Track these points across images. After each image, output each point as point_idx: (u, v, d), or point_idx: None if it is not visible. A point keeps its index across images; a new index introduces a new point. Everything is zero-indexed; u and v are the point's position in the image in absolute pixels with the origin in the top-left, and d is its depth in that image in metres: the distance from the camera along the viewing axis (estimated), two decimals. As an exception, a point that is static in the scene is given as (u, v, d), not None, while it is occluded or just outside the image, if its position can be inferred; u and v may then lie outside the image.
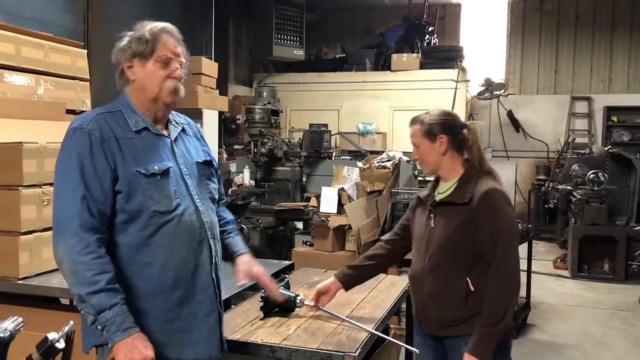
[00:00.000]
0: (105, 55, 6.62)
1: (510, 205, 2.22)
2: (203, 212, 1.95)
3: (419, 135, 2.28)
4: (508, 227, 2.15)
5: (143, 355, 1.73)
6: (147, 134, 1.91)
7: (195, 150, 2.05)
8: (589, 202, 7.04)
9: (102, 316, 1.72)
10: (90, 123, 1.84)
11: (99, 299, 1.71)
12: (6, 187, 2.81)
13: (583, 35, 10.33)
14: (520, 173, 10.60)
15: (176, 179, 1.91)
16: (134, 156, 1.84)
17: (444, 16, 10.86)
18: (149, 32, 1.89)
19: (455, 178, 2.27)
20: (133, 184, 1.82)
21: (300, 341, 2.16)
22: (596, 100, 10.25)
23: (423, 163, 2.32)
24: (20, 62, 3.43)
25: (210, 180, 2.06)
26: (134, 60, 1.89)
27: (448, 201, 2.23)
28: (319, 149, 6.60)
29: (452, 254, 2.18)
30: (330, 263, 4.78)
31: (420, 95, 9.06)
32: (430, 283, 2.24)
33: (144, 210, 1.82)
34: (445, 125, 2.26)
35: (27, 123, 3.24)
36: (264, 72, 10.34)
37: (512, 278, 2.14)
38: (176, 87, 1.90)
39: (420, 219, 2.35)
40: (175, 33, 1.94)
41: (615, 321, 5.52)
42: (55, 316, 2.76)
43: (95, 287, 1.71)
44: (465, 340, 2.17)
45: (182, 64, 1.92)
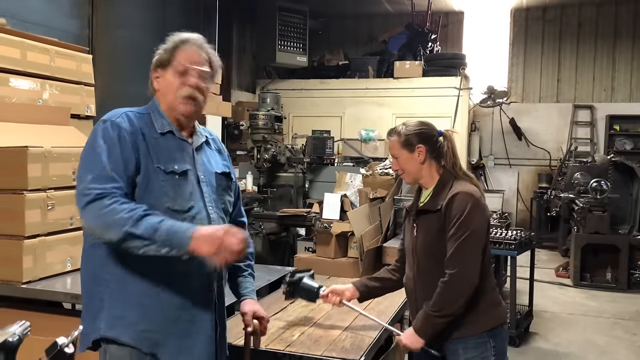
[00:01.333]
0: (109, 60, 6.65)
1: (479, 208, 2.20)
2: (214, 220, 1.96)
3: (397, 147, 2.32)
4: (468, 225, 2.15)
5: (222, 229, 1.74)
6: (171, 137, 1.95)
7: (216, 162, 2.08)
8: (592, 210, 7.03)
9: (159, 234, 1.71)
10: (120, 117, 1.89)
11: (146, 223, 1.71)
12: (11, 191, 2.81)
13: (585, 43, 10.34)
14: (522, 181, 10.59)
15: (192, 184, 1.94)
16: (156, 153, 1.88)
17: (447, 24, 10.89)
18: (171, 42, 1.95)
19: (432, 186, 2.31)
20: (152, 178, 1.85)
21: (304, 348, 2.16)
22: (598, 108, 10.26)
23: (403, 173, 2.36)
24: (25, 66, 3.45)
25: (226, 192, 2.08)
26: (158, 69, 1.96)
27: (425, 209, 2.28)
28: (322, 155, 6.60)
29: (435, 259, 2.21)
30: (332, 269, 4.78)
31: (422, 102, 9.08)
32: (421, 289, 2.27)
33: (158, 207, 1.83)
34: (422, 135, 2.30)
35: (32, 127, 3.25)
36: (267, 78, 10.36)
37: (463, 274, 2.14)
38: (189, 95, 1.92)
39: (407, 229, 2.41)
40: (198, 44, 1.96)
41: (618, 330, 5.50)
42: (58, 320, 2.75)
43: (133, 218, 1.71)
44: (462, 344, 2.19)
45: (202, 74, 1.93)
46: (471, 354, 2.20)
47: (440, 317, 2.15)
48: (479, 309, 2.19)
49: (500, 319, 2.27)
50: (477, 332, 2.20)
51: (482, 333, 2.20)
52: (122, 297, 1.83)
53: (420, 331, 2.19)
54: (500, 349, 2.24)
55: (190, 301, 1.90)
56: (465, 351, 2.20)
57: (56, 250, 2.94)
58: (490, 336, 2.21)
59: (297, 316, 2.56)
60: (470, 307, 2.17)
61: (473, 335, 2.19)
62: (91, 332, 1.86)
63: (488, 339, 2.21)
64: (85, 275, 1.92)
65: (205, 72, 1.94)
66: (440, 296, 2.15)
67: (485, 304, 2.21)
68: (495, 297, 2.28)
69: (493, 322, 2.23)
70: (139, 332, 1.83)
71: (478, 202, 2.21)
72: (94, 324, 1.85)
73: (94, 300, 1.87)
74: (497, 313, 2.26)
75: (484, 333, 2.20)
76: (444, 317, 2.15)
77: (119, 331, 1.83)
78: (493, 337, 2.22)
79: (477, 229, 2.18)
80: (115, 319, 1.83)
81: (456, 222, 2.16)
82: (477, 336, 2.20)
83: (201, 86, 1.93)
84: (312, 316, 2.56)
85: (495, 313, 2.25)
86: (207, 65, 1.96)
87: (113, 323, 1.83)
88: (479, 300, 2.19)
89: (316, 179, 6.57)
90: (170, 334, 1.87)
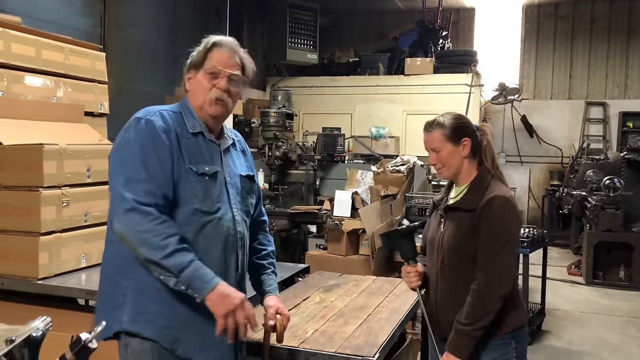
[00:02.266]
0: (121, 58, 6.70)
1: (515, 214, 2.18)
2: (238, 222, 1.99)
3: (441, 139, 2.23)
4: (506, 234, 2.12)
5: (239, 297, 1.80)
6: (201, 138, 1.97)
7: (240, 164, 2.11)
8: (604, 208, 6.97)
9: (184, 275, 1.75)
10: (154, 115, 1.91)
11: (175, 260, 1.75)
12: (27, 188, 2.83)
13: (598, 39, 10.26)
14: (534, 178, 10.53)
15: (220, 185, 1.96)
16: (188, 153, 1.90)
17: (458, 20, 10.83)
18: (204, 44, 1.97)
19: (467, 182, 2.26)
20: (183, 179, 1.87)
21: (318, 344, 2.16)
22: (611, 105, 10.17)
23: (443, 168, 2.26)
24: (40, 64, 3.47)
25: (249, 195, 2.10)
26: (191, 71, 1.98)
27: (457, 207, 2.23)
28: (333, 153, 6.60)
29: (462, 259, 2.17)
30: (343, 267, 4.77)
31: (433, 99, 9.03)
32: (443, 287, 2.24)
33: (187, 207, 1.86)
34: (466, 128, 2.25)
35: (46, 125, 3.27)
36: (277, 75, 10.37)
37: (499, 285, 2.10)
38: (218, 98, 1.93)
39: (433, 222, 2.35)
40: (231, 47, 1.97)
41: (632, 329, 5.46)
42: (73, 316, 2.77)
43: (167, 250, 1.75)
44: (482, 346, 2.16)
45: (232, 77, 1.94)
46: (492, 355, 2.17)
47: (473, 329, 2.09)
48: (502, 311, 2.14)
49: (521, 320, 2.24)
50: (500, 333, 2.16)
51: (504, 335, 2.17)
52: (146, 293, 1.85)
53: (457, 351, 2.11)
54: (521, 350, 2.21)
55: None
56: (486, 352, 2.17)
57: (71, 247, 2.97)
58: (512, 337, 2.18)
59: (310, 313, 2.56)
60: None
61: (495, 336, 2.16)
62: (112, 323, 1.87)
63: (510, 340, 2.18)
64: (110, 267, 1.94)
65: (236, 76, 1.96)
66: (472, 307, 2.09)
67: (507, 305, 2.15)
68: (518, 299, 2.25)
69: (515, 323, 2.19)
70: (161, 327, 1.84)
71: (515, 208, 2.18)
72: (115, 315, 1.86)
73: (117, 291, 1.88)
74: (519, 315, 2.22)
75: (506, 335, 2.17)
76: (478, 330, 2.09)
77: (142, 326, 1.84)
78: (515, 339, 2.19)
79: (513, 238, 2.16)
80: (138, 313, 1.84)
81: (493, 229, 2.11)
82: (499, 337, 2.16)
83: (231, 90, 1.95)
84: (326, 313, 2.56)
85: (518, 315, 2.21)
86: (239, 69, 1.97)
87: (136, 317, 1.85)
88: (503, 302, 2.15)
89: (327, 176, 6.57)
90: (191, 330, 1.89)
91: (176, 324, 1.87)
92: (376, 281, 3.22)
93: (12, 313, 2.76)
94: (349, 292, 2.94)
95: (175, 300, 1.85)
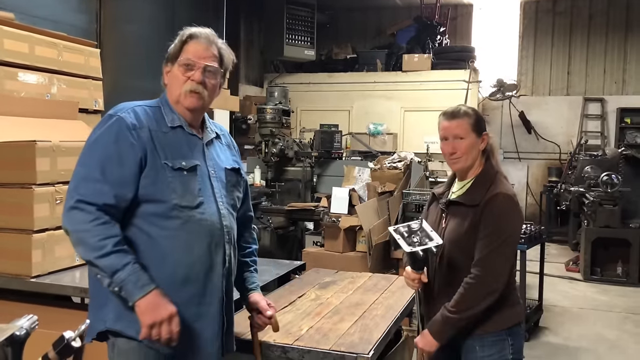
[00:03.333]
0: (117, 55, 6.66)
1: (518, 212, 2.18)
2: (224, 216, 1.96)
3: (468, 129, 2.19)
4: (506, 231, 2.12)
5: (168, 311, 1.76)
6: (181, 132, 1.95)
7: (226, 157, 2.08)
8: (602, 204, 6.96)
9: (117, 277, 1.73)
10: (125, 112, 1.89)
11: (110, 261, 1.73)
12: (20, 185, 2.82)
13: (596, 35, 10.24)
14: (532, 174, 10.52)
15: (202, 179, 1.93)
16: (164, 149, 1.88)
17: (456, 17, 10.81)
18: (179, 37, 1.95)
19: (472, 177, 2.24)
20: (159, 174, 1.85)
21: (312, 342, 2.15)
22: (609, 101, 10.15)
23: (459, 158, 2.21)
24: (34, 61, 3.45)
25: (235, 188, 2.07)
26: (168, 64, 1.96)
27: (460, 202, 2.21)
28: (330, 150, 6.58)
29: (463, 254, 2.16)
30: (341, 264, 4.76)
31: (431, 95, 9.02)
32: (440, 281, 2.22)
33: (166, 203, 1.84)
34: (484, 123, 2.26)
35: (40, 122, 3.26)
36: (274, 72, 10.34)
37: (493, 281, 2.09)
38: (192, 90, 1.91)
39: (433, 216, 2.33)
40: (207, 38, 1.95)
41: (629, 325, 5.46)
42: (67, 314, 2.76)
43: (103, 250, 1.73)
44: (479, 341, 2.16)
45: (208, 68, 1.92)
46: (488, 351, 2.16)
47: (459, 319, 2.09)
48: (499, 307, 2.14)
49: (518, 317, 2.23)
50: (496, 329, 2.16)
51: (500, 331, 2.16)
52: None
53: (436, 334, 2.14)
54: (517, 347, 2.20)
55: (197, 298, 1.90)
56: (483, 349, 2.16)
57: (65, 245, 2.94)
58: (509, 334, 2.17)
59: (305, 310, 2.55)
60: (491, 304, 2.13)
61: (491, 332, 2.15)
62: (96, 323, 1.86)
63: (506, 337, 2.17)
64: None
65: (211, 67, 1.93)
66: (463, 297, 2.09)
67: (505, 302, 2.15)
68: (515, 296, 2.24)
69: (512, 320, 2.19)
70: None
71: (517, 206, 2.17)
72: (99, 315, 1.86)
73: (100, 292, 1.87)
74: (515, 311, 2.21)
75: (503, 331, 2.16)
76: (462, 320, 2.10)
77: (126, 324, 1.83)
78: (511, 335, 2.18)
79: (513, 236, 2.16)
80: (121, 312, 1.82)
81: (495, 225, 2.10)
82: (495, 334, 2.16)
83: (206, 82, 1.92)
84: (321, 310, 2.55)
85: (514, 311, 2.20)
86: (216, 60, 1.95)
87: (120, 316, 1.83)
88: (500, 299, 2.14)
89: (324, 173, 6.55)
90: None
91: None
92: (372, 278, 3.21)
93: (5, 311, 2.74)
94: (345, 289, 2.92)
95: None
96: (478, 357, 2.17)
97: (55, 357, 1.22)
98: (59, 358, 1.21)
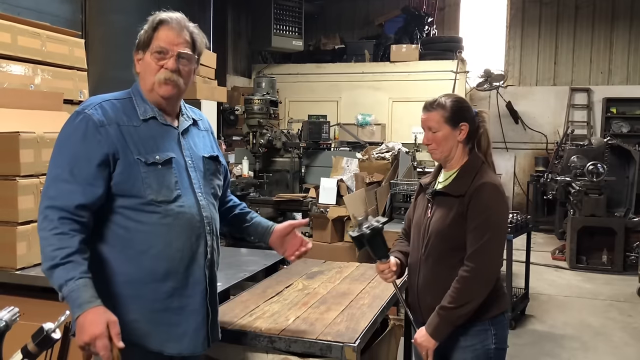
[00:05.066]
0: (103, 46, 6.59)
1: (504, 201, 2.18)
2: (204, 207, 1.92)
3: (440, 121, 2.19)
4: (496, 222, 2.12)
5: (100, 329, 1.62)
6: (154, 123, 1.89)
7: (204, 145, 2.03)
8: (588, 193, 7.04)
9: (63, 292, 1.68)
10: (92, 108, 1.83)
11: (57, 274, 1.68)
12: (3, 177, 2.79)
13: (583, 26, 10.29)
14: (519, 164, 10.60)
15: (179, 171, 1.88)
16: (136, 144, 1.82)
17: (444, 7, 10.81)
18: (149, 23, 1.88)
19: (457, 167, 2.24)
20: (133, 171, 1.80)
21: (299, 331, 2.16)
22: (595, 91, 10.23)
23: (436, 149, 2.23)
24: (17, 51, 3.40)
25: (214, 176, 2.03)
26: (139, 52, 1.90)
27: (446, 192, 2.21)
28: (318, 140, 6.58)
29: (448, 244, 2.16)
30: (329, 254, 4.78)
31: (419, 86, 9.04)
32: (426, 272, 2.23)
33: (141, 198, 1.80)
34: (466, 113, 2.22)
35: (24, 113, 3.21)
36: (262, 62, 10.30)
37: (486, 271, 2.10)
38: (167, 78, 1.86)
39: (420, 206, 2.33)
40: (178, 23, 1.88)
41: (614, 312, 5.53)
42: (53, 307, 2.71)
43: (53, 262, 1.68)
44: (462, 331, 2.17)
45: (182, 55, 1.87)
46: (471, 341, 2.17)
47: (458, 315, 2.08)
48: (484, 298, 2.13)
49: (502, 307, 2.23)
50: (480, 319, 2.16)
51: (484, 321, 2.17)
52: (106, 287, 1.79)
53: (436, 333, 2.12)
54: (501, 336, 2.21)
55: (180, 289, 1.87)
56: (465, 338, 2.17)
57: (50, 237, 2.93)
58: (492, 324, 2.18)
59: (292, 300, 2.55)
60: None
61: (474, 322, 2.16)
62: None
63: (489, 326, 2.18)
64: None
65: (185, 54, 1.87)
66: (459, 292, 2.08)
67: (490, 293, 2.14)
68: (500, 285, 2.25)
69: (495, 310, 2.19)
70: (126, 322, 1.76)
71: (503, 195, 2.17)
72: None
73: None
74: (500, 301, 2.21)
75: (486, 321, 2.17)
76: (462, 316, 2.09)
77: None
78: (494, 325, 2.18)
79: (502, 226, 2.16)
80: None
81: (483, 217, 2.09)
82: (478, 324, 2.16)
83: (181, 69, 1.87)
84: (308, 300, 2.56)
85: (499, 301, 2.21)
86: (188, 46, 1.89)
87: None
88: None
89: (312, 164, 6.56)
90: (158, 323, 1.84)
91: (142, 318, 1.81)
92: (360, 267, 3.23)
93: (-10, 304, 2.72)
94: (332, 279, 2.93)
95: (139, 294, 1.82)
96: (461, 346, 2.19)
97: (35, 348, 1.21)
98: (38, 350, 1.19)
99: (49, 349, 1.25)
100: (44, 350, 1.22)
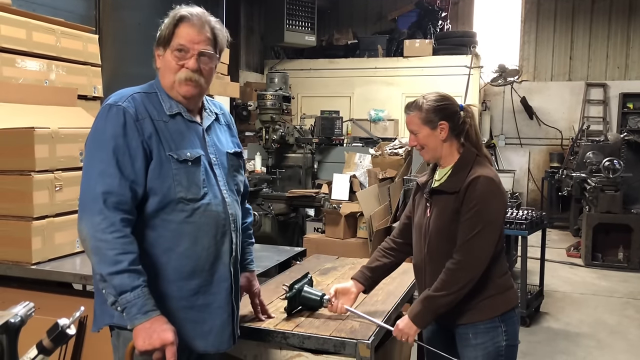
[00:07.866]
0: (116, 41, 6.62)
1: (499, 194, 2.14)
2: (229, 204, 1.91)
3: (418, 123, 2.19)
4: (487, 215, 2.09)
5: (162, 340, 1.68)
6: (180, 120, 1.86)
7: (226, 140, 2.02)
8: (604, 189, 6.95)
9: (123, 297, 1.67)
10: (126, 101, 1.80)
11: (121, 280, 1.67)
12: (19, 172, 2.80)
13: (599, 20, 10.15)
14: (534, 160, 10.50)
15: (205, 168, 1.87)
16: (167, 140, 1.80)
17: (458, 1, 10.71)
18: (170, 18, 1.84)
19: (451, 164, 2.22)
20: (164, 167, 1.78)
21: (312, 328, 2.15)
22: (612, 86, 10.10)
23: (422, 150, 2.24)
24: (31, 47, 3.43)
25: (237, 172, 2.02)
26: (160, 47, 1.86)
27: (442, 189, 2.19)
28: (331, 136, 6.56)
29: (448, 241, 2.15)
30: (341, 250, 4.77)
31: (432, 81, 8.97)
32: (431, 271, 2.21)
33: (171, 195, 1.79)
34: (445, 111, 2.19)
35: (39, 108, 3.24)
36: (275, 58, 10.29)
37: (472, 266, 2.08)
38: (188, 78, 1.83)
39: (418, 205, 2.32)
40: (199, 20, 1.84)
41: (630, 310, 5.47)
42: (68, 301, 2.76)
43: (118, 267, 1.66)
44: (472, 329, 2.16)
45: (203, 53, 1.83)
46: (482, 339, 2.15)
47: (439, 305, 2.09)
48: (489, 294, 2.14)
49: (511, 303, 2.21)
50: (488, 317, 2.14)
51: (493, 318, 2.15)
52: None
53: (415, 317, 2.13)
54: (512, 332, 2.19)
55: (205, 287, 1.86)
56: (476, 336, 2.16)
57: (65, 232, 2.94)
58: (502, 320, 2.16)
59: (305, 296, 2.54)
60: (480, 292, 2.12)
61: (483, 320, 2.14)
62: (103, 317, 1.84)
63: (499, 323, 2.16)
64: None
65: (206, 53, 1.84)
66: (443, 282, 2.09)
67: (495, 288, 2.15)
68: (506, 281, 2.22)
69: (504, 306, 2.17)
70: None
71: (499, 188, 2.14)
72: (106, 309, 1.80)
73: None
74: (507, 297, 2.19)
75: (495, 318, 2.15)
76: (442, 306, 2.09)
77: None
78: (504, 322, 2.16)
79: (494, 220, 2.12)
80: None
81: (474, 210, 2.08)
82: (488, 321, 2.15)
83: (202, 68, 1.84)
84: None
85: (506, 297, 2.18)
86: (210, 43, 1.85)
87: None
88: (489, 285, 2.14)
89: (325, 160, 6.55)
90: (184, 319, 1.83)
91: (168, 315, 1.78)
92: (373, 264, 3.20)
93: (6, 298, 2.74)
94: (346, 275, 2.91)
95: (165, 292, 1.80)
96: (471, 344, 2.17)
97: (50, 344, 1.21)
98: (53, 345, 1.19)
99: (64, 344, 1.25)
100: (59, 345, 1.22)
